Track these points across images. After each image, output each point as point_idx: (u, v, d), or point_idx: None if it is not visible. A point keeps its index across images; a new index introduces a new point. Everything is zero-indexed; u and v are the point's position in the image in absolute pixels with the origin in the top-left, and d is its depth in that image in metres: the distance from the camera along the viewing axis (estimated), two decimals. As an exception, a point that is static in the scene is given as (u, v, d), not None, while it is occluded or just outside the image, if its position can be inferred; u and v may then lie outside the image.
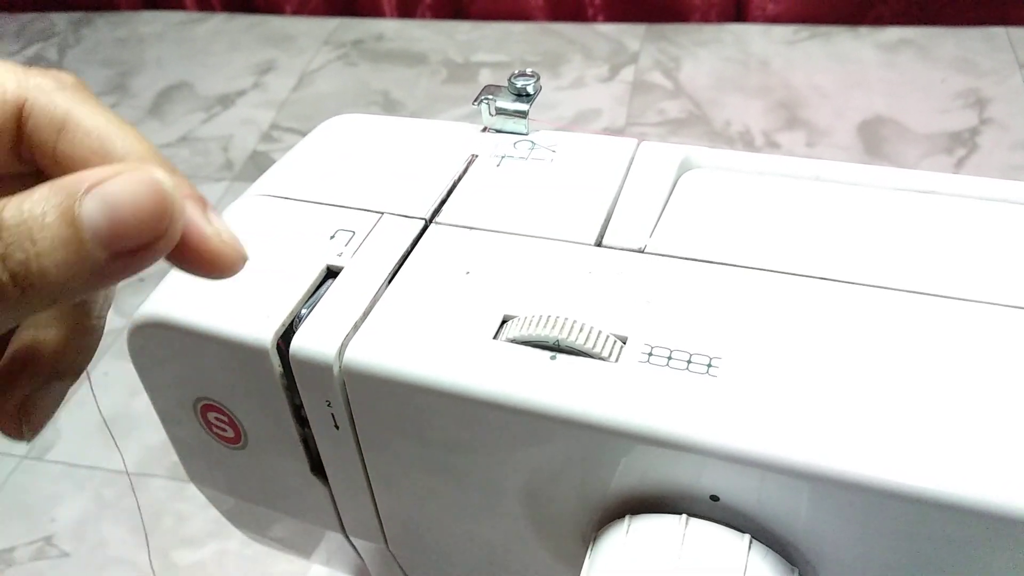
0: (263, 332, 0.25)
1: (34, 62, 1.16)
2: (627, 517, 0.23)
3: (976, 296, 0.24)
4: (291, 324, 0.26)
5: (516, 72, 0.32)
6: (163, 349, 0.27)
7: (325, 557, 0.36)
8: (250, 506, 0.33)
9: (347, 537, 0.31)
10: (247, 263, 0.19)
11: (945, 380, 0.21)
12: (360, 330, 0.25)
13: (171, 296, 0.27)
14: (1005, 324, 0.23)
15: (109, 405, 0.71)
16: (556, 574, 0.27)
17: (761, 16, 1.08)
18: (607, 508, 0.24)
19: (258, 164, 0.94)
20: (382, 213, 0.29)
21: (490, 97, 0.32)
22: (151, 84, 1.08)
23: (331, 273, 0.27)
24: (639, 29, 1.09)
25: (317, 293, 0.27)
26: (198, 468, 0.32)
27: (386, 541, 0.30)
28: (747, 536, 0.22)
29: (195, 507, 0.62)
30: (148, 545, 0.60)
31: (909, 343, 0.23)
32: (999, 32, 1.01)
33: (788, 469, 0.21)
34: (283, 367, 0.26)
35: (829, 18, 1.06)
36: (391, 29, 1.14)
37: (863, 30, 1.04)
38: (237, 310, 0.26)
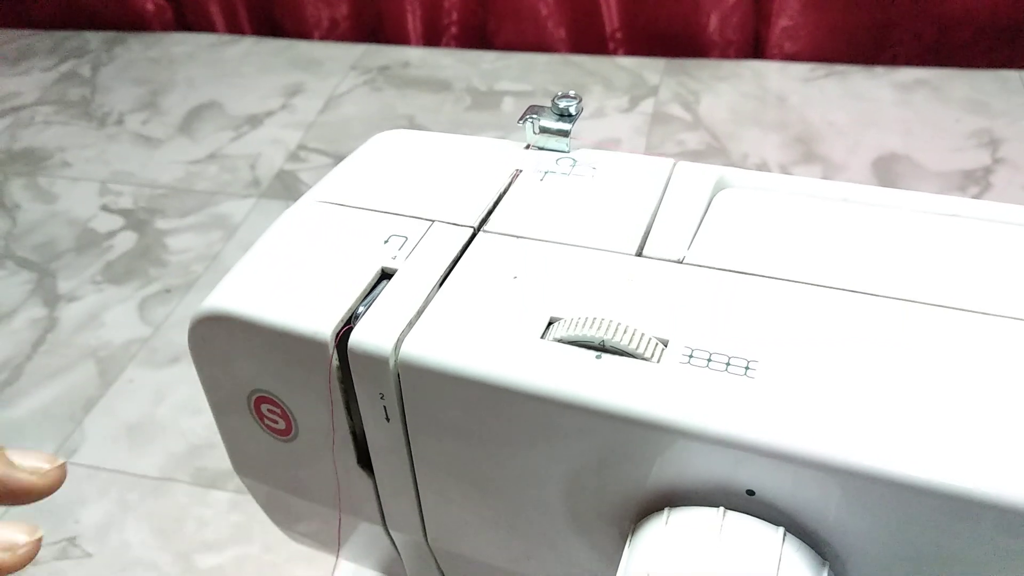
0: (323, 326, 0.27)
1: (67, 78, 1.19)
2: (666, 509, 0.24)
3: (995, 310, 0.25)
4: (348, 320, 0.27)
5: (559, 93, 0.34)
6: (224, 342, 0.29)
7: (353, 553, 0.37)
8: (288, 498, 0.34)
9: (387, 530, 0.32)
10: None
11: (968, 384, 0.23)
12: (415, 327, 0.27)
13: (234, 291, 0.29)
14: (1014, 332, 0.24)
15: (134, 412, 0.72)
16: (593, 568, 0.28)
17: (779, 54, 1.10)
18: (646, 501, 0.25)
19: (285, 182, 0.96)
20: (433, 221, 0.31)
21: (534, 116, 0.34)
22: (182, 103, 1.11)
23: (385, 275, 0.29)
24: (659, 63, 1.12)
25: (373, 293, 0.28)
26: (245, 459, 0.33)
27: (425, 534, 0.31)
28: (781, 529, 0.23)
29: (217, 512, 0.63)
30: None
31: (933, 350, 0.24)
32: (1012, 75, 1.03)
33: (821, 464, 0.22)
34: (339, 361, 0.27)
35: (845, 57, 1.08)
36: (416, 57, 1.17)
37: (879, 70, 1.06)
38: (298, 306, 0.28)
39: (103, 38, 1.28)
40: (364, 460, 0.30)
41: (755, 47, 1.12)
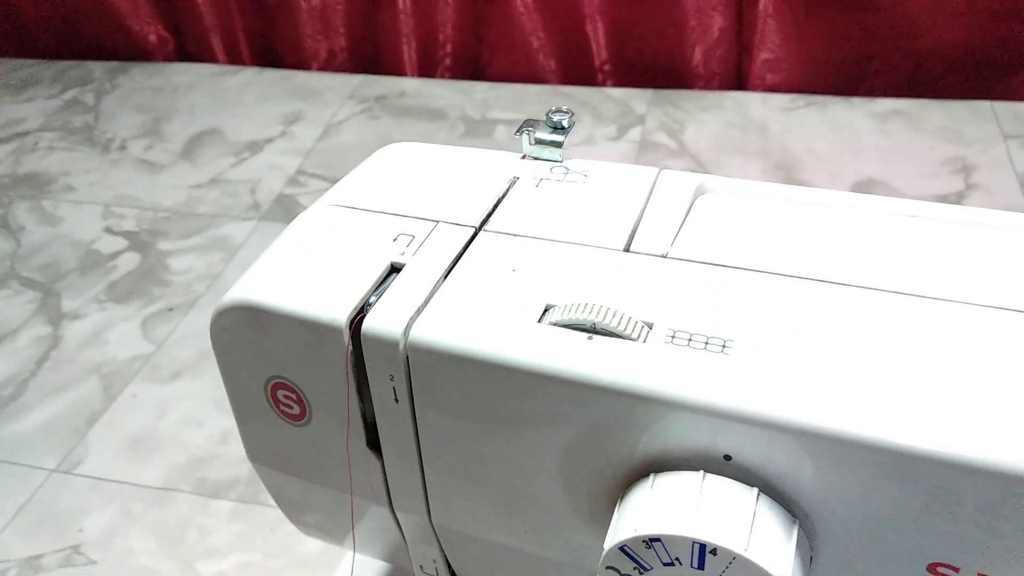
0: (338, 313, 0.29)
1: (71, 106, 1.22)
2: (651, 475, 0.27)
3: (956, 297, 0.28)
4: (361, 309, 0.30)
5: (553, 108, 0.37)
6: (245, 330, 0.31)
7: (359, 541, 0.39)
8: (299, 484, 0.36)
9: (393, 512, 0.34)
10: None
11: (929, 359, 0.26)
12: (422, 313, 0.29)
13: (254, 284, 0.31)
14: (978, 318, 0.27)
15: (137, 425, 0.74)
16: (588, 541, 0.30)
17: (761, 85, 1.14)
18: (634, 470, 0.28)
19: (284, 206, 0.99)
20: (437, 221, 0.33)
21: (530, 129, 0.37)
22: (183, 130, 1.14)
23: (394, 269, 0.31)
24: (646, 94, 1.16)
25: (383, 285, 0.31)
26: (259, 446, 0.35)
27: (429, 514, 0.33)
28: (755, 490, 0.26)
29: (219, 521, 0.65)
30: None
31: (896, 331, 0.27)
32: (984, 105, 1.07)
33: (791, 429, 0.25)
34: (352, 346, 0.30)
35: (825, 89, 1.12)
36: (412, 87, 1.21)
37: (857, 100, 1.10)
38: (315, 296, 0.30)
39: (106, 67, 1.31)
40: (373, 442, 0.32)
41: (738, 79, 1.16)
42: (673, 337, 0.27)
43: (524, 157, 0.37)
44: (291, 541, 0.63)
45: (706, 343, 0.27)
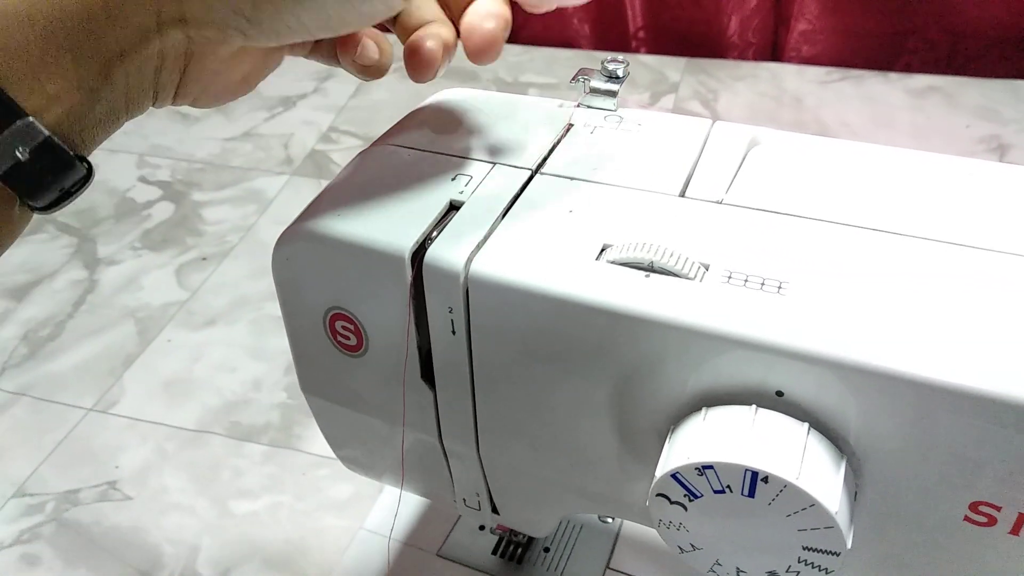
0: (402, 243, 0.30)
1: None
2: (703, 408, 0.28)
3: (1003, 247, 0.28)
4: (423, 242, 0.31)
5: (609, 58, 0.37)
6: (307, 259, 0.32)
7: (396, 479, 0.41)
8: (351, 417, 0.37)
9: (441, 443, 0.35)
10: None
11: (977, 304, 0.26)
12: (483, 248, 0.30)
13: (318, 214, 0.32)
14: (1014, 265, 0.28)
15: (171, 369, 0.75)
16: (633, 472, 0.31)
17: (796, 57, 1.14)
18: (685, 405, 0.28)
19: (316, 161, 1.00)
20: (495, 163, 0.34)
21: (585, 78, 0.38)
22: (216, 83, 1.15)
23: (453, 207, 0.32)
24: (680, 62, 1.15)
25: (443, 221, 0.32)
26: (314, 377, 0.37)
27: (478, 446, 0.34)
28: (806, 425, 0.26)
29: (251, 463, 0.67)
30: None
31: (943, 278, 0.27)
32: (1021, 85, 1.06)
33: (842, 365, 0.25)
34: (413, 277, 0.31)
35: (861, 63, 1.12)
36: (444, 48, 1.21)
37: (893, 76, 1.10)
38: (377, 227, 0.31)
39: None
40: (427, 375, 0.33)
41: (773, 50, 1.15)
42: (730, 277, 0.28)
43: (579, 105, 0.38)
44: (321, 485, 0.65)
45: (762, 284, 0.28)
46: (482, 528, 0.48)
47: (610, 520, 0.49)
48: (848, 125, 1.01)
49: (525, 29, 1.20)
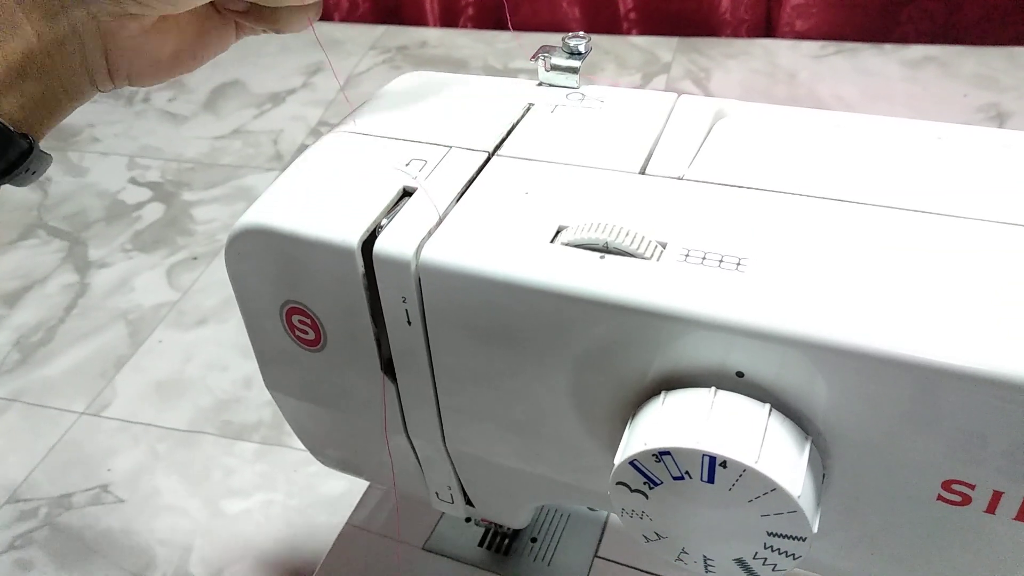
0: (351, 235, 0.29)
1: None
2: (663, 392, 0.27)
3: (968, 213, 0.27)
4: (373, 232, 0.30)
5: (569, 33, 0.36)
6: (259, 254, 0.32)
7: (378, 474, 0.40)
8: (317, 413, 0.37)
9: (408, 438, 0.35)
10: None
11: (939, 274, 0.25)
12: (434, 235, 0.29)
13: (268, 207, 0.31)
14: (992, 235, 0.26)
15: (163, 370, 0.75)
16: (598, 461, 0.30)
17: (790, 32, 1.12)
18: (645, 389, 0.27)
19: (305, 156, 0.99)
20: (450, 147, 0.33)
21: (546, 55, 0.36)
22: (206, 81, 1.14)
23: (406, 193, 0.31)
24: (671, 42, 1.14)
25: (395, 208, 0.31)
26: (277, 374, 0.36)
27: (444, 439, 0.34)
28: (767, 405, 0.25)
29: (243, 462, 0.66)
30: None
31: (906, 249, 0.26)
32: (1020, 51, 1.04)
33: (803, 343, 0.24)
34: (365, 268, 0.30)
35: (855, 35, 1.10)
36: (434, 37, 1.20)
37: (888, 47, 1.08)
38: (327, 219, 0.30)
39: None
40: (388, 367, 0.32)
41: (767, 26, 1.13)
42: (687, 256, 0.27)
43: (540, 84, 0.37)
44: (313, 482, 0.64)
45: (720, 261, 0.27)
46: (468, 520, 0.48)
47: (597, 508, 0.48)
48: (843, 99, 0.99)
49: (515, 15, 1.19)
